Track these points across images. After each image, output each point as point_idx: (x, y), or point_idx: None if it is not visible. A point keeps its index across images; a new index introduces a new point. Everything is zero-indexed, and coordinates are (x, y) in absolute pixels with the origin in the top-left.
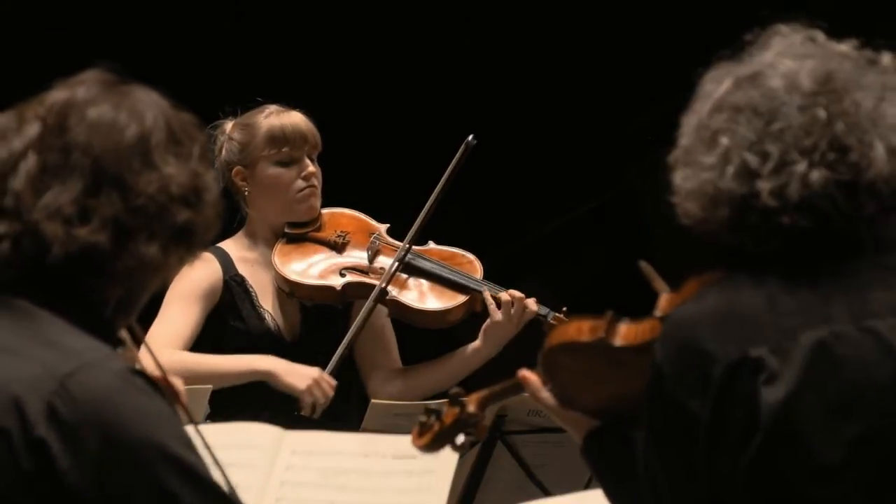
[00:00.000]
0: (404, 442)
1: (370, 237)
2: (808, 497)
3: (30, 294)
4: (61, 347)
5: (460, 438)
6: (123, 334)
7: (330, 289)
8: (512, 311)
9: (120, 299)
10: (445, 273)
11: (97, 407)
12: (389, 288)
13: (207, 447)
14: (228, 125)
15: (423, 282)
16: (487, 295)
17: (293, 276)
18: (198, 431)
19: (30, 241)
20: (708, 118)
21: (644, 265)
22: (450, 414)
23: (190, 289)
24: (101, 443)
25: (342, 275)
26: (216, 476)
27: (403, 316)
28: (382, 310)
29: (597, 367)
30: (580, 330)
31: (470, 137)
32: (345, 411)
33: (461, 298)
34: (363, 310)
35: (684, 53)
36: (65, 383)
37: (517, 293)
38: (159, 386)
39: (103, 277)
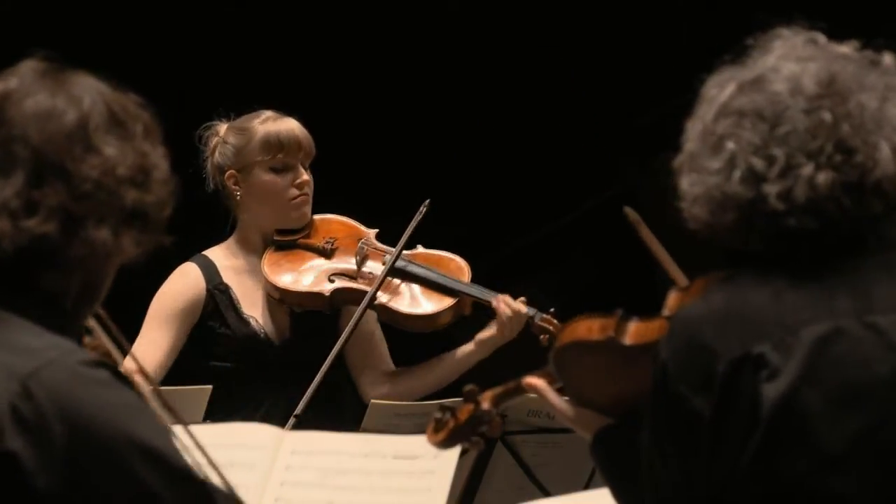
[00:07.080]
0: (404, 442)
1: (358, 243)
2: (809, 491)
3: None
4: (21, 348)
5: (475, 436)
6: (91, 323)
7: (319, 295)
8: (505, 318)
9: (80, 289)
10: (434, 277)
11: (60, 403)
12: (379, 293)
13: (202, 448)
14: (222, 128)
15: (413, 286)
16: (499, 302)
17: (282, 284)
18: (188, 432)
19: None
20: (713, 123)
21: (629, 211)
22: (465, 410)
23: (167, 307)
24: (68, 439)
25: (331, 280)
26: (212, 473)
27: (393, 320)
28: (372, 313)
29: (607, 365)
30: (590, 329)
31: (426, 202)
32: (339, 412)
33: (449, 302)
34: (355, 315)
35: (682, 56)
36: (26, 384)
37: (507, 300)
38: (127, 377)
39: (58, 268)
